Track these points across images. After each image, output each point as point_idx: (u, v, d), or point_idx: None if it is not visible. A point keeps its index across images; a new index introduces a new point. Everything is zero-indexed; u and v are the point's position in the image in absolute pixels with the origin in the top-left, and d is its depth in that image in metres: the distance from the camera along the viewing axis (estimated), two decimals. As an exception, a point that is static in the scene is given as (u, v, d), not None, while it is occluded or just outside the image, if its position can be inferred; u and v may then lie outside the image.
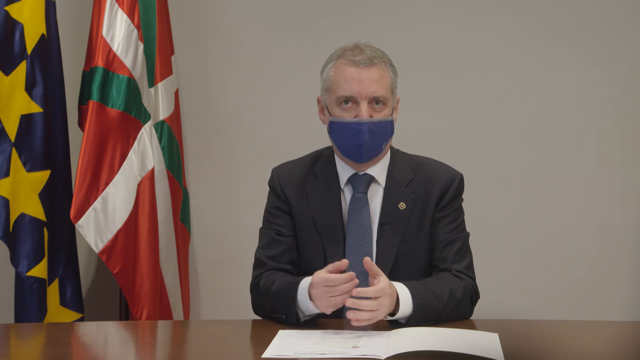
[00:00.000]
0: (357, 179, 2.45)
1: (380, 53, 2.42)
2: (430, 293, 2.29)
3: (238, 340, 2.27)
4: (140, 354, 2.20)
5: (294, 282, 2.31)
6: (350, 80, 2.37)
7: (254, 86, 3.56)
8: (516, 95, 3.51)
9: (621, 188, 3.50)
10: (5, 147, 2.99)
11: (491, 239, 3.43)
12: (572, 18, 3.48)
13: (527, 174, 3.51)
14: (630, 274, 3.51)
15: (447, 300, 2.30)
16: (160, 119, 3.30)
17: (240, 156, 3.56)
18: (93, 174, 3.05)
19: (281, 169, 2.55)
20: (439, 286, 2.33)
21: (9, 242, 2.99)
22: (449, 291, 2.32)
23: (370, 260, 2.21)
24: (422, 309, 2.25)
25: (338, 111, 2.39)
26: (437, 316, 2.28)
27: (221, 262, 3.58)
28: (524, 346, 2.13)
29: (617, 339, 2.25)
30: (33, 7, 3.01)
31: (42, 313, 3.01)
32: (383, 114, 2.39)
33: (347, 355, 2.00)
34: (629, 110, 3.49)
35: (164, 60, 3.31)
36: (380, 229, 2.42)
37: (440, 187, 2.46)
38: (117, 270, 3.07)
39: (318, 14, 3.53)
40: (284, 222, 2.48)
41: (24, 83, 3.01)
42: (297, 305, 2.27)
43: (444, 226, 2.45)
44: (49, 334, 2.43)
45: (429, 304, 2.27)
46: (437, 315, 2.28)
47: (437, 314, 2.28)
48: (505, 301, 3.45)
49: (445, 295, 2.31)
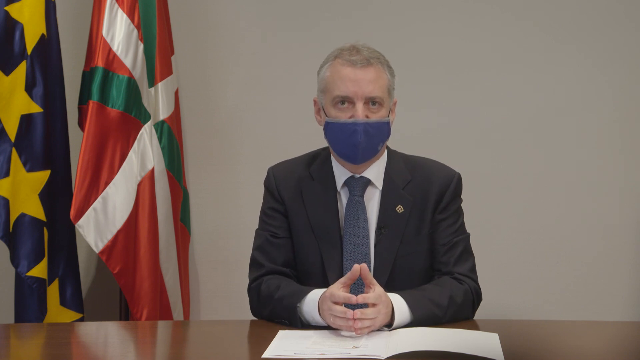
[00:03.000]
0: (354, 181, 2.43)
1: (377, 54, 2.40)
2: (430, 302, 2.28)
3: (238, 340, 2.27)
4: (140, 354, 2.20)
5: (300, 291, 2.29)
6: (346, 80, 2.35)
7: (254, 86, 3.56)
8: (516, 95, 3.50)
9: (621, 188, 3.49)
10: (5, 147, 2.99)
11: (491, 239, 3.43)
12: (572, 18, 3.48)
13: (528, 174, 3.51)
14: (630, 274, 3.50)
15: (446, 307, 2.29)
16: (160, 119, 3.30)
17: (240, 156, 3.57)
18: (93, 174, 3.05)
19: (277, 169, 2.53)
20: (438, 293, 2.31)
21: (9, 242, 2.99)
22: (449, 297, 2.31)
23: (366, 268, 2.19)
24: (421, 318, 2.24)
25: (334, 111, 2.37)
26: (436, 324, 2.27)
27: (221, 262, 3.58)
28: (524, 346, 2.13)
29: (617, 339, 2.25)
30: (33, 7, 3.02)
31: (42, 313, 3.01)
32: (379, 115, 2.36)
33: (347, 355, 2.00)
34: (630, 110, 3.49)
35: (164, 60, 3.31)
36: (378, 233, 2.41)
37: (439, 188, 2.44)
38: (117, 270, 3.07)
39: (318, 14, 3.53)
40: (278, 223, 2.46)
41: (24, 83, 3.01)
42: (301, 313, 2.27)
43: (445, 229, 2.44)
44: (49, 334, 2.43)
45: (429, 313, 2.26)
46: (436, 323, 2.27)
47: (437, 321, 2.28)
48: (505, 301, 3.45)
49: (445, 302, 2.30)
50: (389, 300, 2.21)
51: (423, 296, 2.29)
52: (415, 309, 2.24)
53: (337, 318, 2.16)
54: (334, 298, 2.17)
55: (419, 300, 2.27)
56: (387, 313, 2.19)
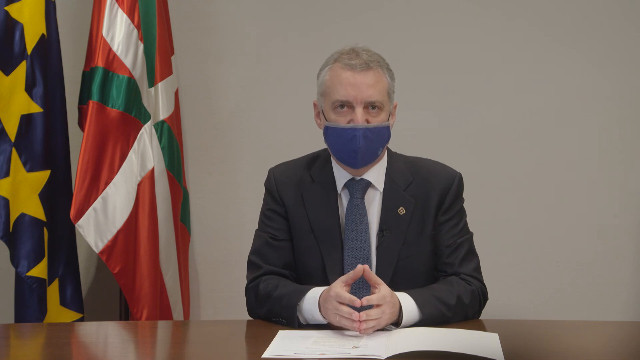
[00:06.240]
0: (354, 184, 2.42)
1: (377, 57, 2.38)
2: (438, 301, 2.28)
3: (238, 340, 2.27)
4: (140, 354, 2.20)
5: (300, 290, 2.29)
6: (346, 84, 2.33)
7: (254, 86, 3.56)
8: (517, 96, 3.51)
9: (621, 188, 3.50)
10: (5, 147, 2.99)
11: (491, 239, 3.42)
12: (571, 18, 3.48)
13: (527, 174, 3.51)
14: (630, 274, 3.50)
15: (454, 307, 2.30)
16: (160, 119, 3.30)
17: (240, 156, 3.57)
18: (93, 174, 3.05)
19: (278, 170, 2.52)
20: (447, 292, 2.31)
21: (9, 242, 2.99)
22: (457, 296, 2.31)
23: (369, 269, 2.20)
24: (430, 317, 2.25)
25: (333, 116, 2.36)
26: (444, 323, 2.27)
27: (221, 262, 3.58)
28: (524, 346, 2.13)
29: (617, 339, 2.25)
30: (33, 7, 3.02)
31: (42, 313, 3.01)
32: (379, 119, 2.35)
33: (347, 355, 2.00)
34: (629, 110, 3.49)
35: (164, 60, 3.31)
36: (380, 235, 2.40)
37: (440, 189, 2.43)
38: (117, 270, 3.07)
39: (318, 15, 3.53)
40: (278, 225, 2.46)
41: (24, 83, 3.01)
42: (300, 311, 2.27)
43: (449, 230, 2.43)
44: (49, 334, 2.43)
45: (437, 312, 2.26)
46: (444, 322, 2.27)
47: (445, 320, 2.28)
48: (505, 301, 3.45)
49: (453, 301, 2.30)
50: (395, 300, 2.21)
51: (432, 295, 2.29)
52: (424, 307, 2.25)
53: (342, 318, 2.15)
54: (339, 299, 2.16)
55: (427, 299, 2.27)
56: (393, 312, 2.19)
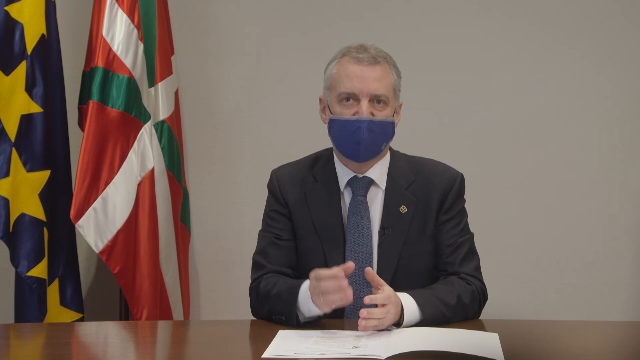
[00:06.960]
0: (357, 181, 2.43)
1: (385, 54, 2.41)
2: (439, 301, 2.28)
3: (238, 340, 2.27)
4: (140, 354, 2.20)
5: (296, 284, 2.30)
6: (352, 76, 2.35)
7: (254, 86, 3.56)
8: (517, 96, 3.51)
9: (621, 188, 3.50)
10: (5, 147, 2.99)
11: (491, 239, 3.42)
12: (571, 18, 3.48)
13: (527, 174, 3.51)
14: (630, 274, 3.50)
15: (455, 307, 2.30)
16: (160, 119, 3.30)
17: (240, 156, 3.56)
18: (93, 174, 3.05)
19: (280, 172, 2.53)
20: (447, 292, 2.32)
21: (9, 242, 2.99)
22: (457, 296, 2.32)
23: (372, 270, 2.21)
24: (430, 318, 2.25)
25: (339, 108, 2.37)
26: (444, 323, 2.28)
27: (221, 262, 3.58)
28: (524, 346, 2.13)
29: (617, 339, 2.25)
30: (33, 7, 3.01)
31: (42, 313, 3.01)
32: (384, 114, 2.37)
33: (347, 355, 2.00)
34: (629, 110, 3.49)
35: (164, 60, 3.31)
36: (382, 233, 2.41)
37: (442, 189, 2.44)
38: (117, 270, 3.07)
39: (318, 15, 3.53)
40: (282, 225, 2.46)
41: (24, 83, 3.01)
42: (297, 307, 2.27)
43: (450, 230, 2.44)
44: (49, 334, 2.43)
45: (437, 312, 2.27)
46: (445, 322, 2.28)
47: (445, 320, 2.28)
48: (505, 301, 3.45)
49: (453, 301, 2.30)
50: (399, 300, 2.21)
51: (432, 295, 2.29)
52: (424, 308, 2.25)
53: (328, 295, 2.15)
54: (318, 276, 2.16)
55: (428, 299, 2.27)
56: (397, 313, 2.20)
